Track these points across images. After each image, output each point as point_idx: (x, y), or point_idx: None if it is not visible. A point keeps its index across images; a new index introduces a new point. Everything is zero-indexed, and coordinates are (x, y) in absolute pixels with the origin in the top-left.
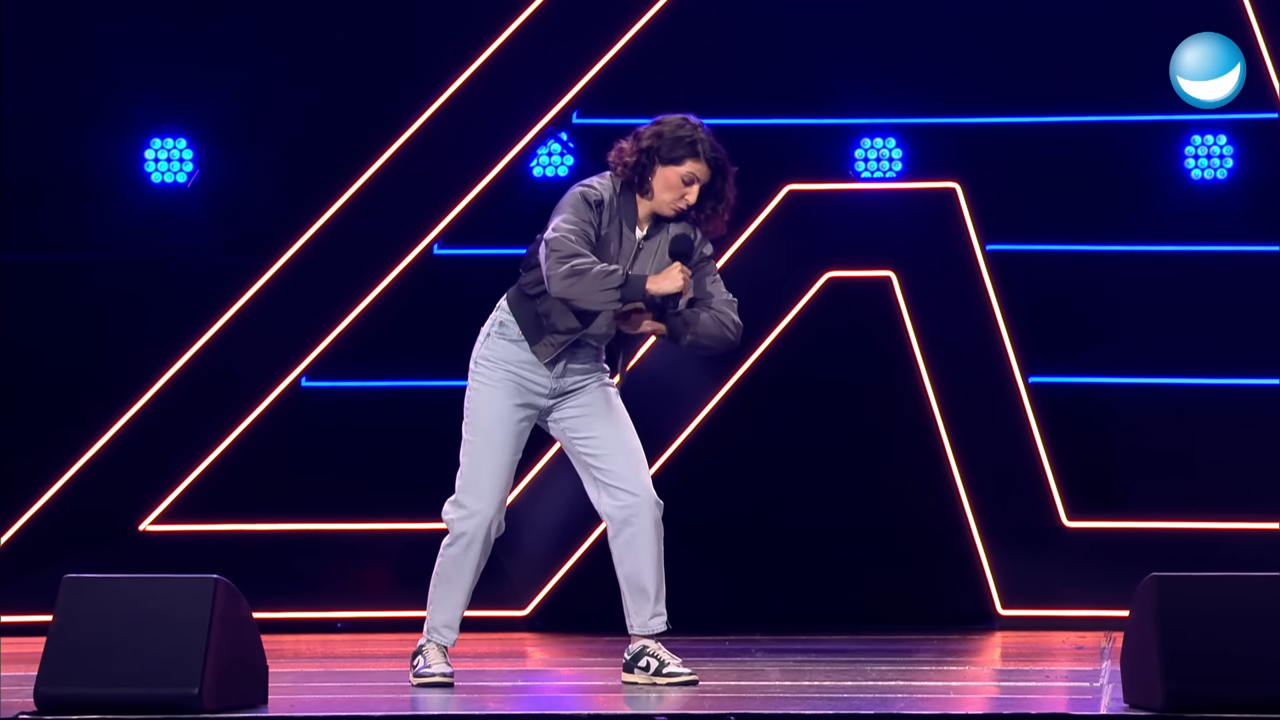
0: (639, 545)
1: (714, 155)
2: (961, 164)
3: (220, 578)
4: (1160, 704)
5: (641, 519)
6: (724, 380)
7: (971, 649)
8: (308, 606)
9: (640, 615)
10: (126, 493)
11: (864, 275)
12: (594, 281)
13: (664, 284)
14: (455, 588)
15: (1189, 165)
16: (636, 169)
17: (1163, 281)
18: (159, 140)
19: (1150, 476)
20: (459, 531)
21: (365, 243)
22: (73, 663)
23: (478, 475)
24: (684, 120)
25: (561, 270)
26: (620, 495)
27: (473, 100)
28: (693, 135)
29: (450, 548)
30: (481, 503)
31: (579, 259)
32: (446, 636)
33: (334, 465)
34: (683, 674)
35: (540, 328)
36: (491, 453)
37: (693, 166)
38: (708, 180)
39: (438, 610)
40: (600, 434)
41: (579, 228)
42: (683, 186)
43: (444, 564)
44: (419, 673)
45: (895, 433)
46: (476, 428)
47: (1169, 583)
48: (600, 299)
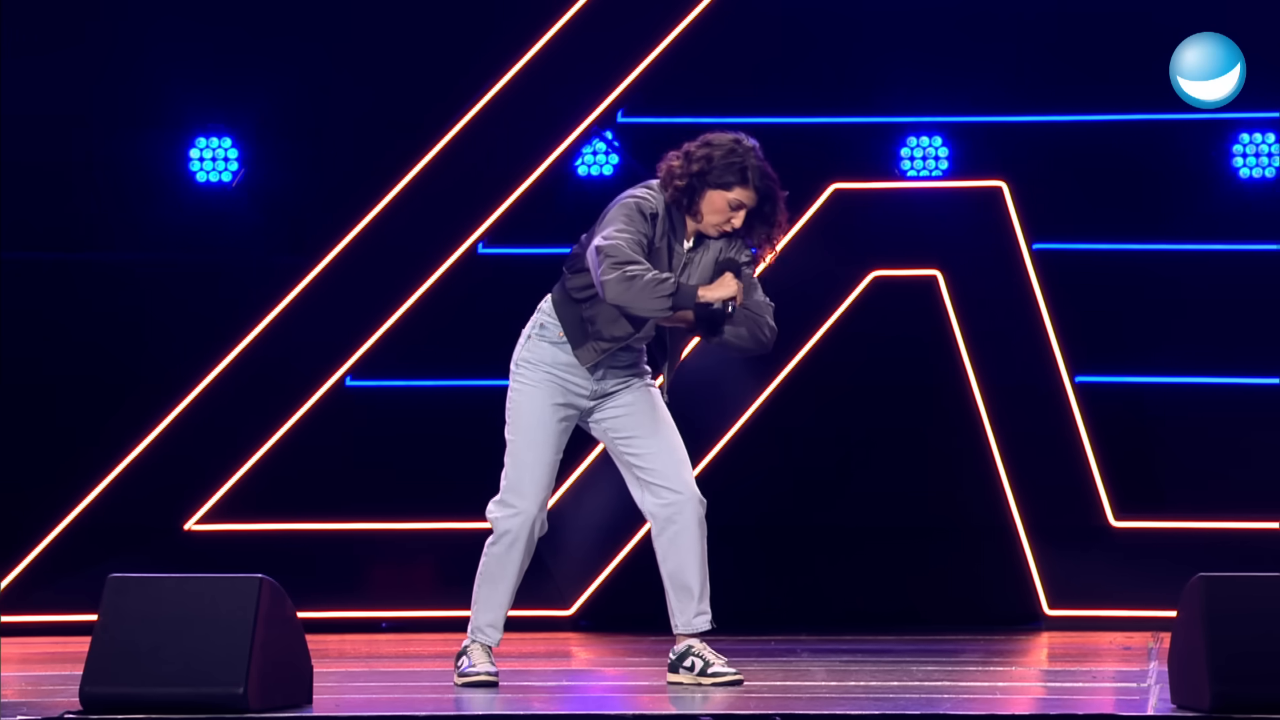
0: (682, 543)
1: (762, 183)
2: (1008, 163)
3: (265, 577)
4: (1208, 705)
5: (685, 517)
6: (769, 380)
7: (1018, 649)
8: (352, 606)
9: (684, 614)
10: (171, 492)
11: (910, 274)
12: (647, 288)
13: (717, 292)
14: (499, 587)
15: (1237, 164)
16: (686, 192)
17: (1210, 280)
18: (204, 139)
19: (1198, 476)
20: (503, 530)
21: (410, 242)
22: (118, 662)
23: (520, 475)
24: (735, 143)
25: (615, 276)
26: (663, 494)
27: (517, 99)
28: (743, 162)
29: (494, 546)
30: (524, 501)
31: (633, 265)
32: (491, 636)
33: (378, 464)
34: (728, 674)
35: (585, 333)
36: (533, 453)
37: (740, 194)
38: (755, 205)
39: (482, 610)
40: (642, 434)
41: (634, 236)
42: (729, 211)
43: (488, 563)
44: (463, 673)
45: (941, 432)
46: (518, 428)
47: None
48: (653, 305)
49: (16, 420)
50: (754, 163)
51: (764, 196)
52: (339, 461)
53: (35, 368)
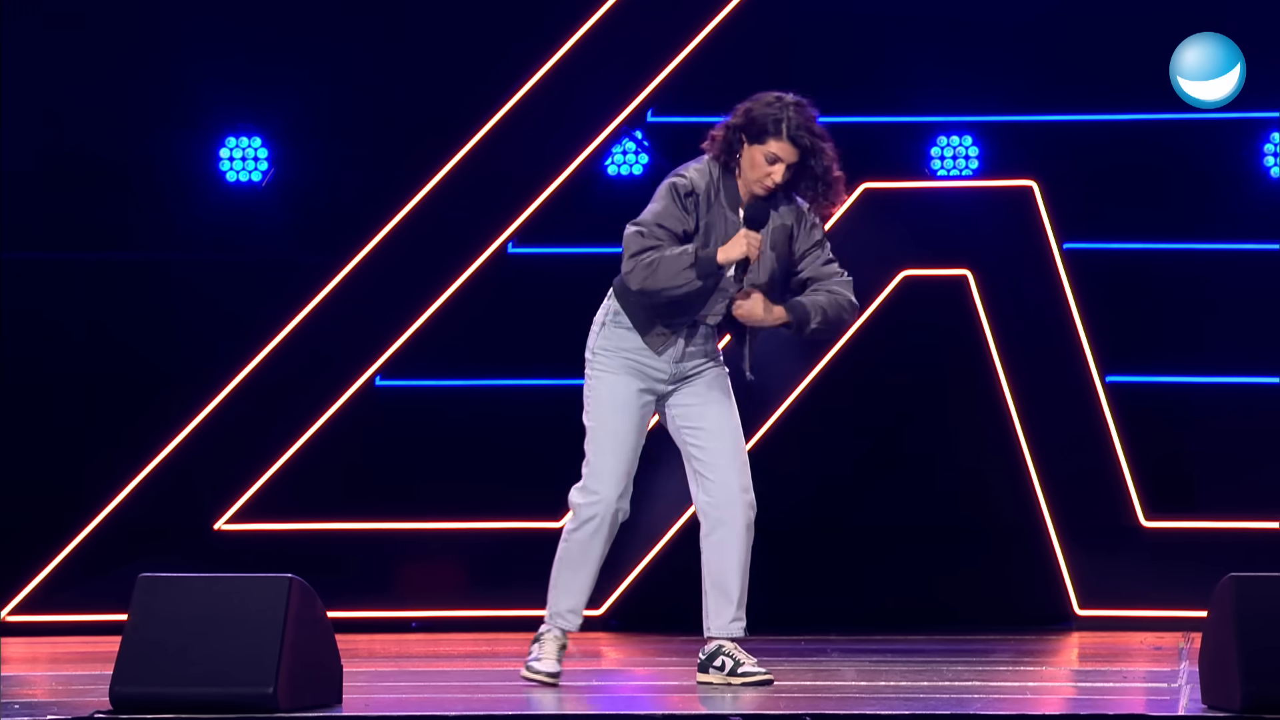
0: (729, 547)
1: (799, 133)
2: (1038, 162)
3: (295, 577)
4: (1239, 705)
5: (735, 522)
6: (800, 379)
7: (1049, 649)
8: (382, 606)
9: (720, 618)
10: (201, 492)
11: (940, 274)
12: (666, 268)
13: (732, 251)
14: (581, 573)
15: (1269, 163)
16: (725, 147)
17: (1242, 280)
18: (234, 139)
19: (1229, 476)
20: (586, 516)
21: (440, 241)
22: (148, 662)
23: (602, 461)
24: (776, 98)
25: (629, 267)
26: (716, 493)
27: (547, 98)
28: (778, 114)
29: (576, 533)
30: (607, 488)
31: (646, 252)
32: (571, 621)
33: (408, 464)
34: (758, 673)
35: (650, 319)
36: (614, 440)
37: (775, 146)
38: (797, 160)
39: (562, 595)
40: (708, 427)
41: (657, 220)
42: (766, 165)
43: (569, 549)
44: (529, 665)
45: (972, 432)
46: (600, 415)
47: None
48: (678, 282)
49: (48, 420)
50: (792, 115)
51: (805, 150)
52: (369, 461)
53: (66, 367)
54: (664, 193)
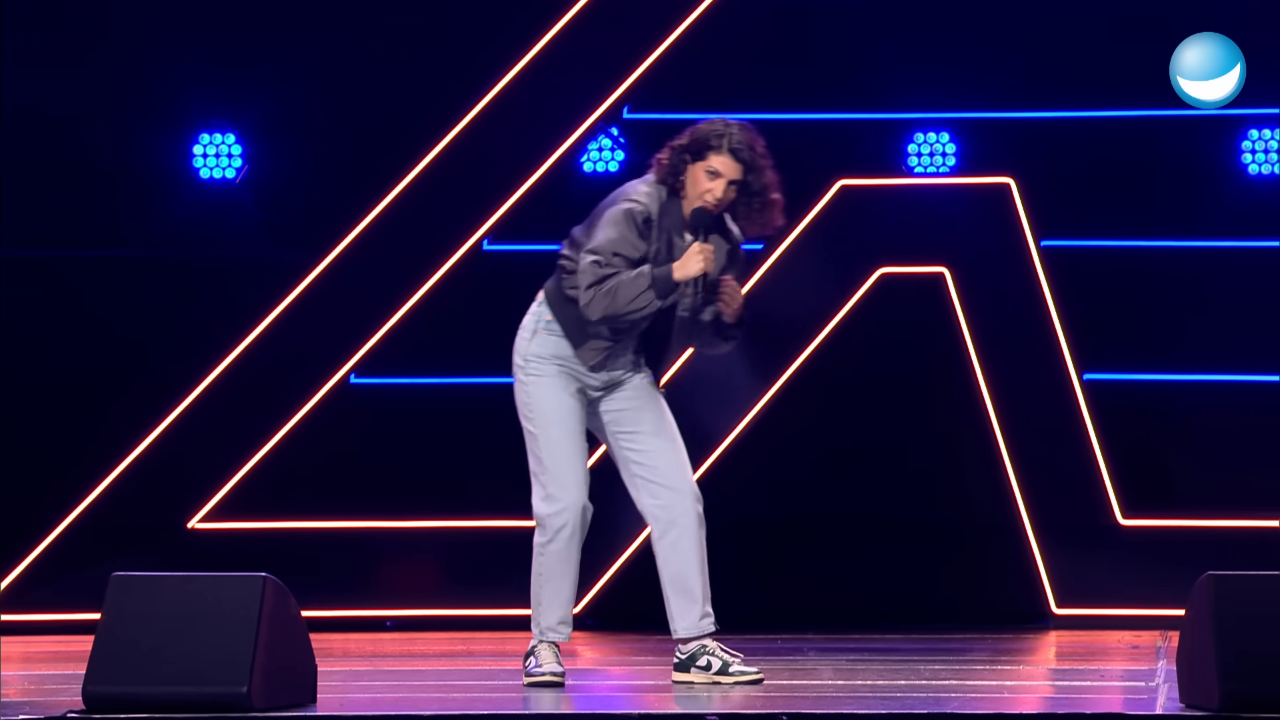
0: (684, 546)
1: (739, 148)
2: (1016, 159)
3: (269, 576)
4: (1217, 704)
5: (686, 519)
6: (776, 377)
7: (1026, 648)
8: (357, 605)
9: (688, 618)
10: (175, 490)
11: (917, 271)
12: (626, 292)
13: (688, 267)
14: (564, 583)
15: (1246, 160)
16: (671, 170)
17: (1219, 277)
18: (207, 135)
19: (1207, 474)
20: (558, 525)
21: (414, 238)
22: (121, 661)
23: (560, 466)
24: (721, 120)
25: (587, 298)
26: (663, 493)
27: (523, 95)
28: (722, 130)
29: (552, 544)
30: (571, 493)
31: (605, 281)
32: (562, 633)
33: (383, 462)
34: (749, 672)
35: (585, 332)
36: (568, 442)
37: (716, 160)
38: (738, 177)
39: (549, 609)
40: (645, 430)
41: (613, 248)
42: (708, 181)
43: (547, 562)
44: (530, 672)
45: (949, 430)
46: (545, 421)
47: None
48: (638, 305)
49: (19, 417)
50: (735, 133)
51: (745, 165)
52: (343, 459)
53: (37, 365)
54: (619, 219)
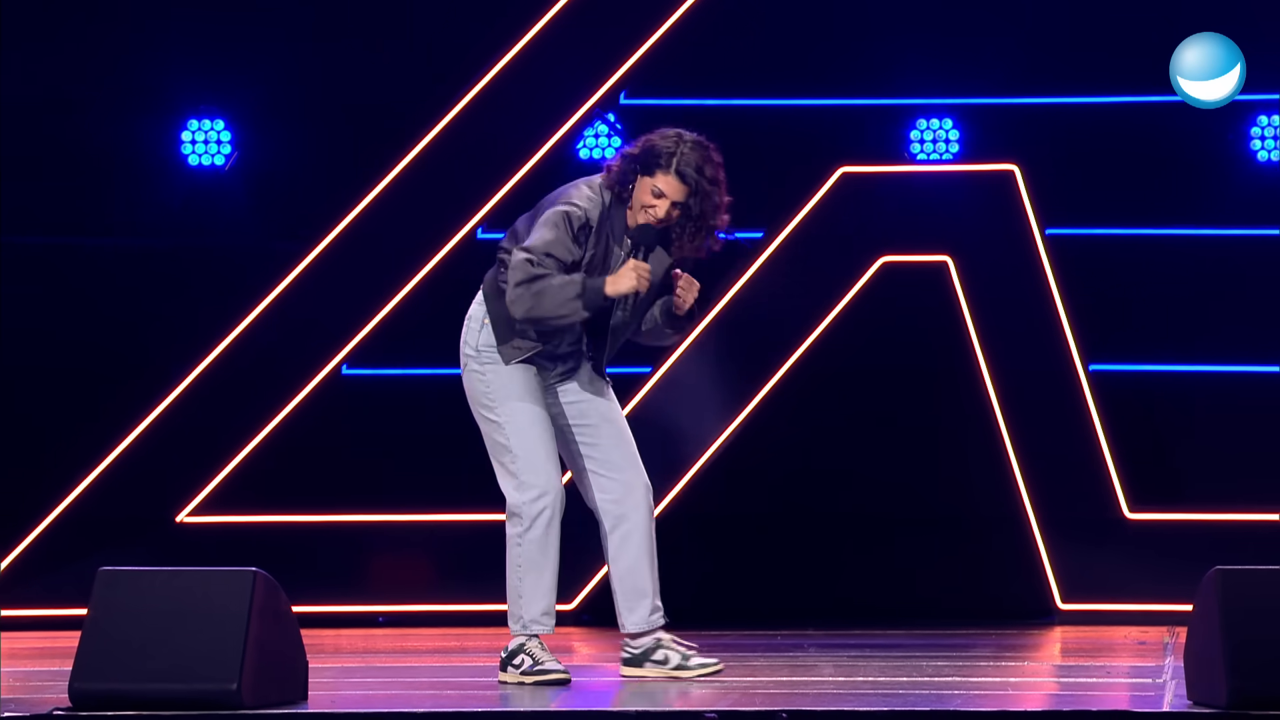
0: (636, 541)
1: (687, 170)
2: (1020, 145)
3: (259, 570)
4: (1225, 701)
5: (638, 513)
6: (776, 368)
7: (1030, 644)
8: (349, 600)
9: (638, 613)
10: (163, 483)
11: (920, 260)
12: (553, 297)
13: (621, 284)
14: (546, 573)
15: (1255, 146)
16: (620, 178)
17: (1228, 266)
18: (196, 122)
19: (1215, 467)
20: (536, 512)
21: (408, 227)
22: (108, 657)
23: (533, 452)
24: (676, 134)
25: (514, 295)
26: (614, 488)
27: (518, 81)
28: (673, 149)
29: (530, 532)
30: (546, 478)
31: (535, 281)
32: (546, 624)
33: (375, 455)
34: (710, 664)
35: (511, 329)
36: (537, 427)
37: (662, 180)
38: (681, 199)
39: (532, 600)
40: (597, 423)
41: (546, 248)
42: (652, 199)
43: (526, 551)
44: (530, 671)
45: (952, 422)
46: (511, 409)
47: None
48: (563, 312)
49: (6, 409)
50: (686, 152)
51: (694, 191)
52: (335, 452)
53: (22, 355)
54: (556, 220)
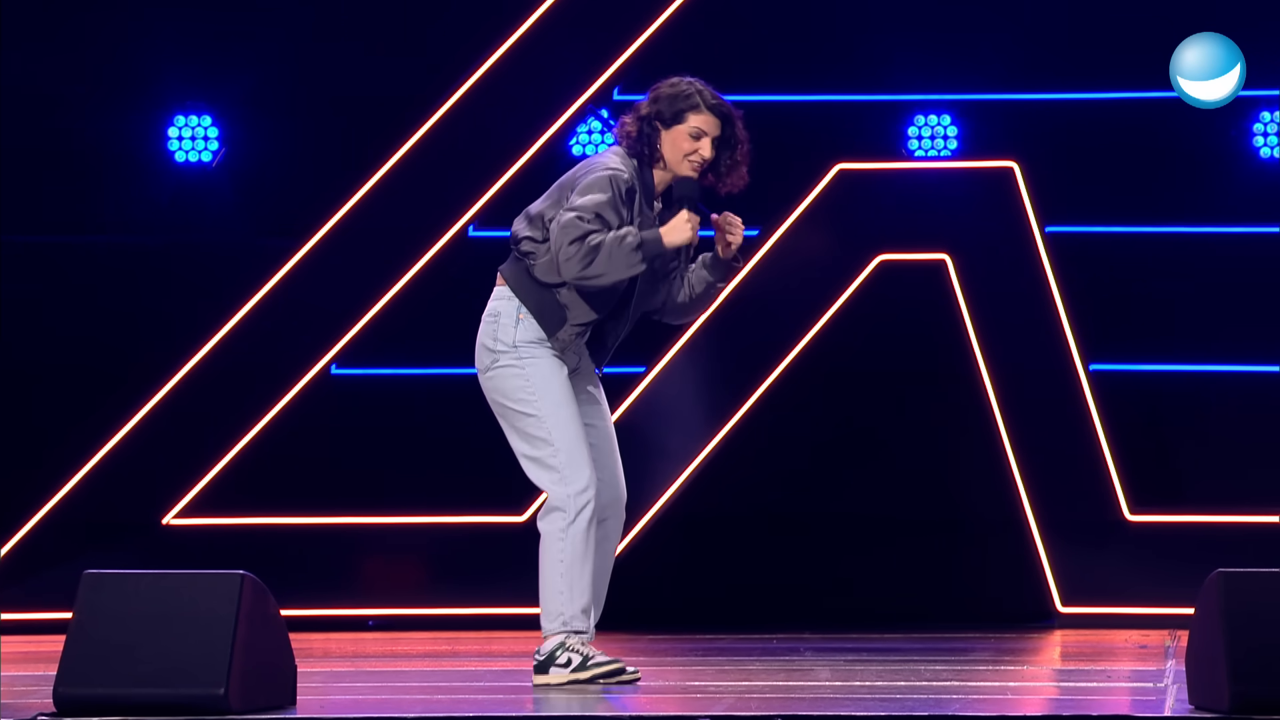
0: (604, 552)
1: (715, 104)
2: (1020, 142)
3: (247, 573)
4: (1227, 705)
5: (613, 523)
6: (772, 367)
7: (1030, 648)
8: (338, 603)
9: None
10: (150, 485)
11: (918, 259)
12: (610, 251)
13: (676, 235)
14: (588, 567)
15: (1258, 143)
16: (641, 140)
17: (1231, 265)
18: (183, 117)
19: (1217, 468)
20: (582, 505)
21: (398, 224)
22: (93, 662)
23: (573, 446)
24: (678, 79)
25: (568, 253)
26: (604, 493)
27: (510, 76)
28: (689, 91)
29: (574, 525)
30: (591, 472)
31: (590, 237)
32: (584, 622)
33: (365, 456)
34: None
35: (560, 316)
36: (577, 423)
37: (697, 120)
38: (718, 132)
39: (574, 597)
40: (598, 425)
41: (597, 208)
42: (694, 143)
43: (572, 546)
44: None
45: (950, 423)
46: (552, 401)
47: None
48: (624, 264)
49: None
50: (703, 89)
51: (723, 118)
52: (324, 453)
53: (7, 355)
54: (604, 183)
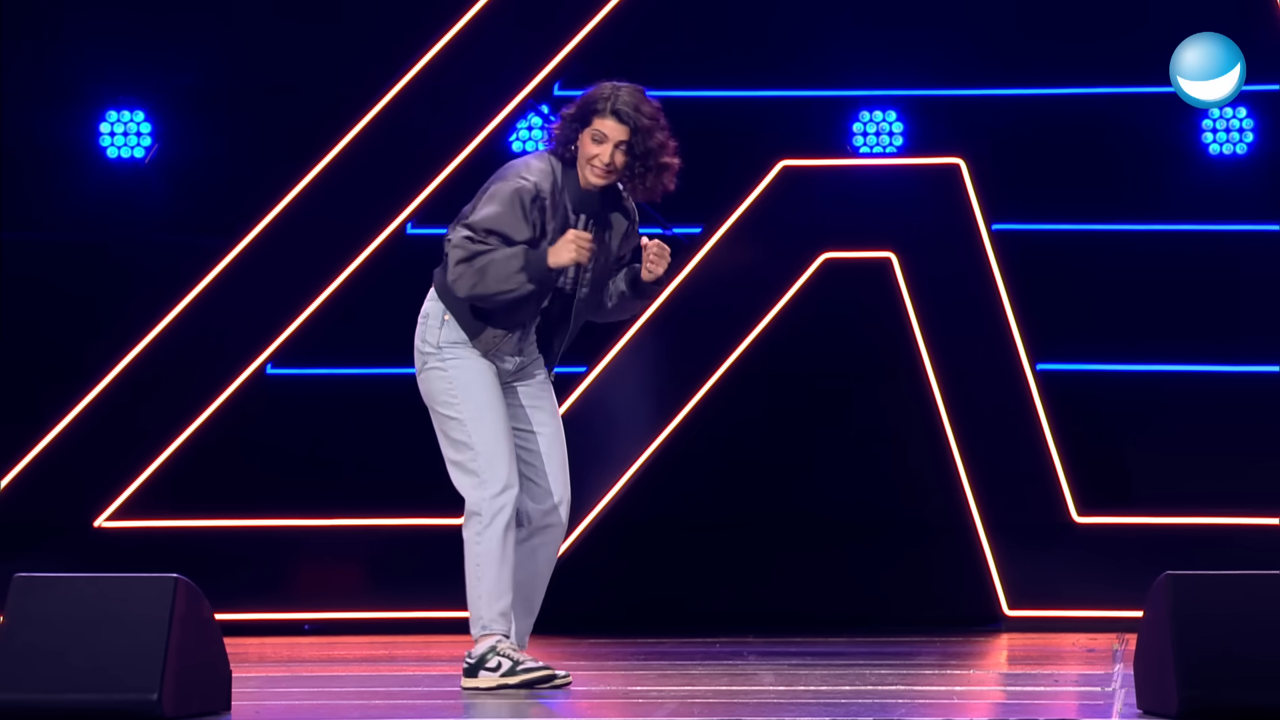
0: (543, 557)
1: (623, 109)
2: (966, 139)
3: (180, 577)
4: (1175, 709)
5: (555, 531)
6: (715, 367)
7: (976, 651)
8: (273, 607)
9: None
10: (81, 487)
11: (863, 257)
12: (495, 272)
13: (561, 255)
14: (506, 569)
15: (1206, 140)
16: (563, 140)
17: (1179, 263)
18: (115, 113)
19: (1165, 470)
20: (498, 509)
21: (335, 222)
22: (23, 667)
23: (494, 449)
24: (609, 84)
25: (455, 274)
26: (544, 499)
27: (448, 71)
28: (608, 94)
29: (490, 529)
30: (509, 475)
31: (476, 258)
32: (504, 625)
33: (301, 458)
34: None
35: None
36: (500, 425)
37: (600, 124)
38: (624, 139)
39: (494, 599)
40: (543, 432)
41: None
42: (596, 146)
43: (488, 549)
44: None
45: (896, 423)
46: (474, 404)
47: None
48: (508, 286)
49: None
50: (621, 95)
51: (634, 129)
52: (259, 454)
53: None
54: (505, 197)
